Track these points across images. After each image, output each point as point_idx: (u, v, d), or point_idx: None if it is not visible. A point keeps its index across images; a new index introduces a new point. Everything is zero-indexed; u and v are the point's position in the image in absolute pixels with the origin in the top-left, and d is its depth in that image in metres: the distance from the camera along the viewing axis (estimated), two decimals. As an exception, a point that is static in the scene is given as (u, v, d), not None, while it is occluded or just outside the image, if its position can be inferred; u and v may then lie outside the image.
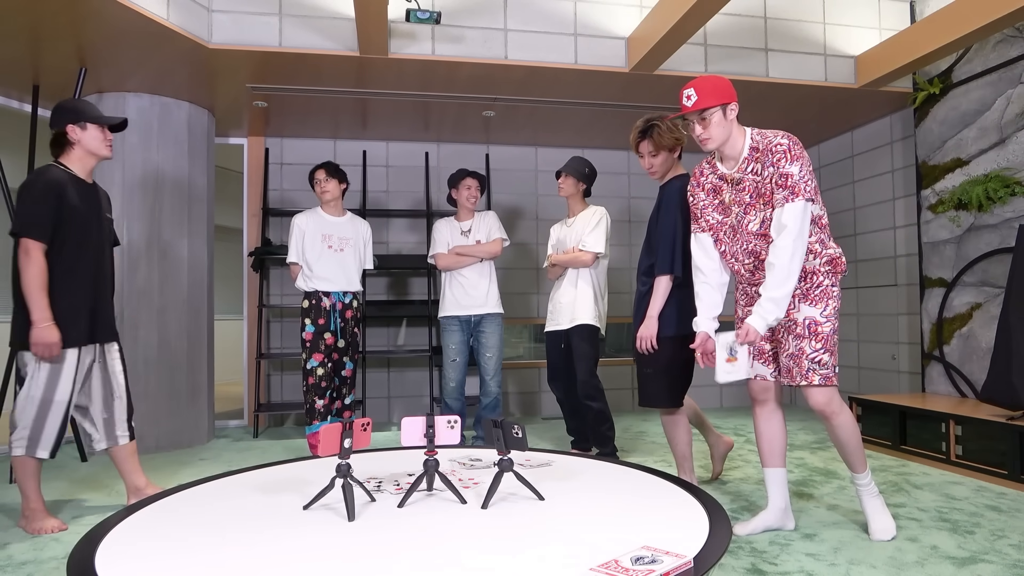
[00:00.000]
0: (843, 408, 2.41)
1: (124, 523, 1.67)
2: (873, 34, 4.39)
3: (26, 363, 2.61)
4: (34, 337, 2.50)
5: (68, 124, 2.65)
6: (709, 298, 2.50)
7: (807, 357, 2.34)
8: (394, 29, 3.75)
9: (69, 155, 2.69)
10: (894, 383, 4.90)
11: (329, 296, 3.85)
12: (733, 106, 2.32)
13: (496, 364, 3.94)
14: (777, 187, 2.26)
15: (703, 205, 2.49)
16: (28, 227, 2.52)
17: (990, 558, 2.23)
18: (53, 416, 2.58)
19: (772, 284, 2.25)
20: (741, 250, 2.42)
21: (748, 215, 2.37)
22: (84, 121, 2.67)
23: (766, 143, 2.30)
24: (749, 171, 2.34)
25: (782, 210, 2.25)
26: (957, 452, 3.43)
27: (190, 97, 4.37)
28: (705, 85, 2.29)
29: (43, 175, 2.60)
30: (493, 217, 4.09)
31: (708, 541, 1.48)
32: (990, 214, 3.96)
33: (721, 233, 2.47)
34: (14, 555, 2.37)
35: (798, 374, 2.36)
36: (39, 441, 2.58)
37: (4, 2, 3.06)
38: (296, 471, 2.18)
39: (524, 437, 1.80)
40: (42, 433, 2.58)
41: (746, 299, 2.55)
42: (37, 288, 2.52)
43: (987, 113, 4.00)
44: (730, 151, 2.36)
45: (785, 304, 2.27)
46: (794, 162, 2.24)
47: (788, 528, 2.52)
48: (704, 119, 2.30)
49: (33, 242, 2.52)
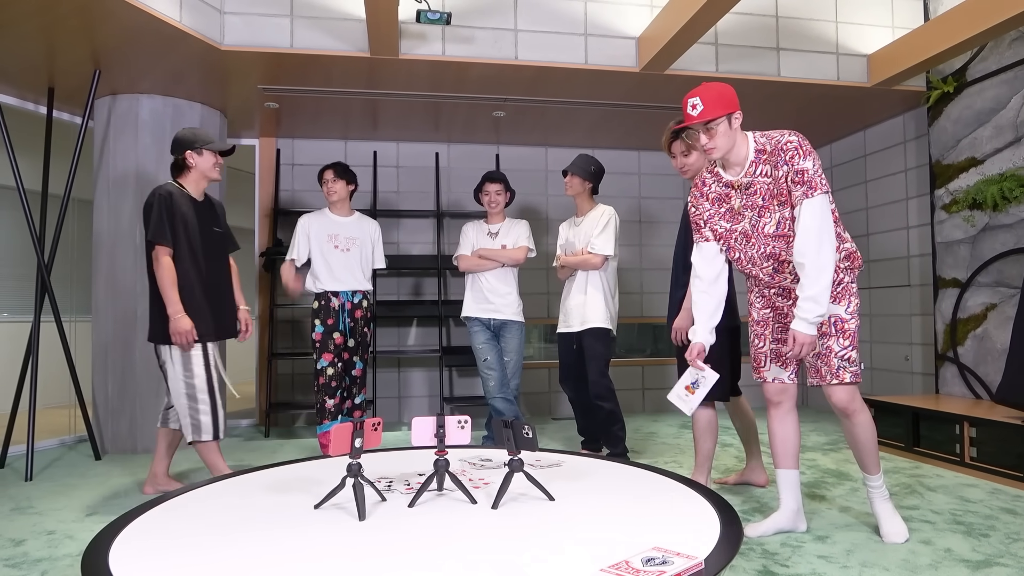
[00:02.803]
0: (864, 407, 2.41)
1: (137, 521, 1.69)
2: (886, 32, 4.35)
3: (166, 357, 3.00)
4: (176, 327, 2.89)
5: (187, 151, 3.05)
6: (709, 308, 2.47)
7: (836, 355, 2.33)
8: (404, 30, 3.76)
9: (186, 177, 3.09)
10: (907, 384, 4.86)
11: (338, 296, 3.86)
12: (738, 115, 2.29)
13: (514, 369, 3.93)
14: (794, 184, 2.24)
15: (708, 215, 2.46)
16: (160, 236, 2.93)
17: (1005, 561, 2.21)
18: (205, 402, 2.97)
19: (807, 282, 2.22)
20: (759, 255, 2.39)
21: (763, 218, 2.34)
22: (201, 148, 3.06)
23: (774, 144, 2.27)
24: (758, 174, 2.31)
25: (802, 207, 2.22)
26: (971, 454, 3.40)
27: (202, 99, 4.40)
28: (710, 94, 2.25)
29: (165, 194, 2.99)
30: (524, 226, 4.02)
31: (719, 542, 1.48)
32: (1005, 214, 3.92)
33: (732, 240, 2.43)
34: (30, 552, 2.39)
35: (828, 373, 2.35)
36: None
37: (19, 6, 3.09)
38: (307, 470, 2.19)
39: (534, 437, 1.80)
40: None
41: (763, 301, 2.52)
42: (169, 286, 2.92)
43: (1002, 112, 3.96)
44: (734, 158, 2.33)
45: (825, 299, 2.21)
46: (806, 157, 2.23)
47: (800, 530, 2.50)
48: (710, 129, 2.26)
49: (163, 248, 2.93)
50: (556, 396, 5.57)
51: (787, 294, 2.44)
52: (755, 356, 2.55)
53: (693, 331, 2.48)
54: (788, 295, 2.44)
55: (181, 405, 2.95)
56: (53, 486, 3.37)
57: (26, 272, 4.57)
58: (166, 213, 2.93)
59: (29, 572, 2.21)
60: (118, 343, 4.17)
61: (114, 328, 4.18)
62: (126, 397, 4.18)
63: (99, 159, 4.29)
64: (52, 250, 3.95)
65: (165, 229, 2.92)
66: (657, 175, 5.88)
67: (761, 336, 2.53)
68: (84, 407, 4.08)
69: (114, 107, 4.25)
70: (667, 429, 4.81)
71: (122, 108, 4.24)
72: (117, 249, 4.21)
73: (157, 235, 2.91)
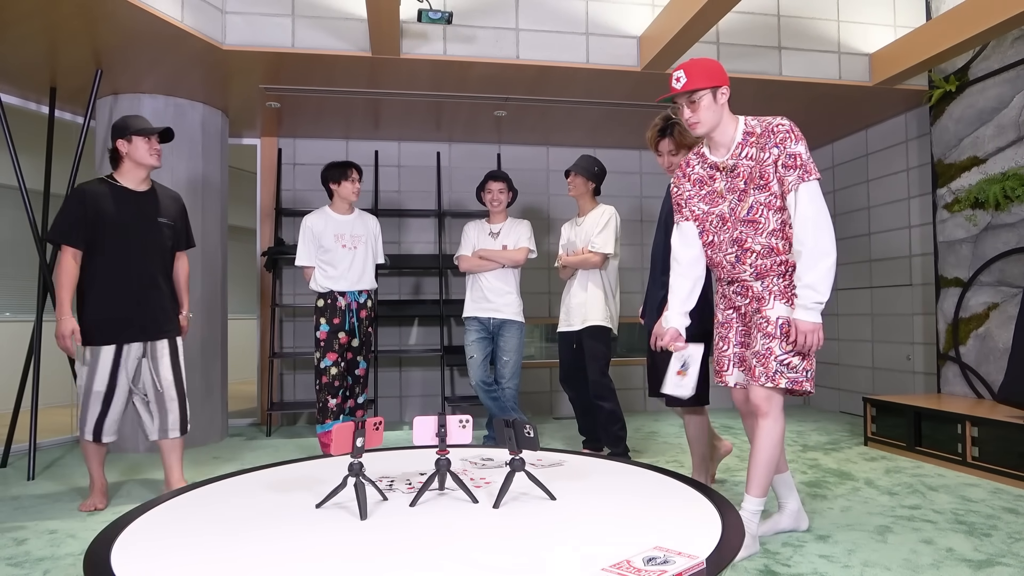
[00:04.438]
0: (780, 416, 2.26)
1: (139, 520, 1.69)
2: (888, 31, 4.35)
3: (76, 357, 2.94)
4: (56, 330, 2.79)
5: (117, 139, 2.90)
6: (684, 291, 2.39)
7: (776, 359, 2.20)
8: (406, 29, 3.76)
9: (120, 169, 2.94)
10: (909, 384, 4.85)
11: (344, 296, 3.84)
12: (724, 90, 2.20)
13: (512, 368, 3.93)
14: (787, 168, 2.16)
15: (688, 196, 2.37)
16: (59, 235, 2.83)
17: (1007, 561, 2.21)
18: (93, 404, 2.91)
19: (803, 270, 2.13)
20: (727, 239, 2.29)
21: (742, 202, 2.24)
22: (130, 135, 2.88)
23: (765, 126, 2.20)
24: (744, 156, 2.22)
25: (798, 193, 2.14)
26: (973, 454, 3.39)
27: (204, 98, 4.40)
28: (695, 67, 2.17)
29: (75, 189, 2.89)
30: (526, 226, 4.01)
31: (721, 542, 1.48)
32: (1008, 213, 3.91)
33: (708, 223, 2.34)
34: (32, 551, 2.40)
35: (763, 374, 2.21)
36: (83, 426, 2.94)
37: (21, 5, 3.09)
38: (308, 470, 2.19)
39: (536, 437, 1.80)
40: (85, 419, 2.93)
41: (725, 302, 2.41)
42: (59, 287, 2.81)
43: (1004, 111, 3.95)
44: (721, 138, 2.25)
45: (825, 287, 2.11)
46: (798, 142, 2.16)
47: (802, 528, 2.50)
48: (693, 102, 2.18)
49: (65, 247, 2.82)
50: (557, 396, 5.57)
51: (746, 292, 2.33)
52: (718, 359, 2.44)
53: (666, 316, 2.40)
54: (746, 293, 2.33)
55: (81, 404, 2.91)
56: (55, 485, 3.38)
57: (28, 272, 4.58)
58: (75, 210, 2.80)
59: (31, 571, 2.21)
60: (120, 342, 4.17)
61: (116, 327, 4.18)
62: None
63: (101, 159, 4.30)
64: (54, 250, 3.95)
65: (67, 228, 2.79)
66: (659, 174, 5.87)
67: (725, 339, 2.42)
68: (86, 406, 4.08)
69: (116, 107, 4.25)
70: (668, 428, 4.81)
71: (124, 108, 4.24)
72: (119, 248, 4.21)
73: (55, 235, 2.81)
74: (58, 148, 4.18)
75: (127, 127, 2.89)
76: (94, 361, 2.86)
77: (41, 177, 4.08)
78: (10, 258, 5.39)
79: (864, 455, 3.87)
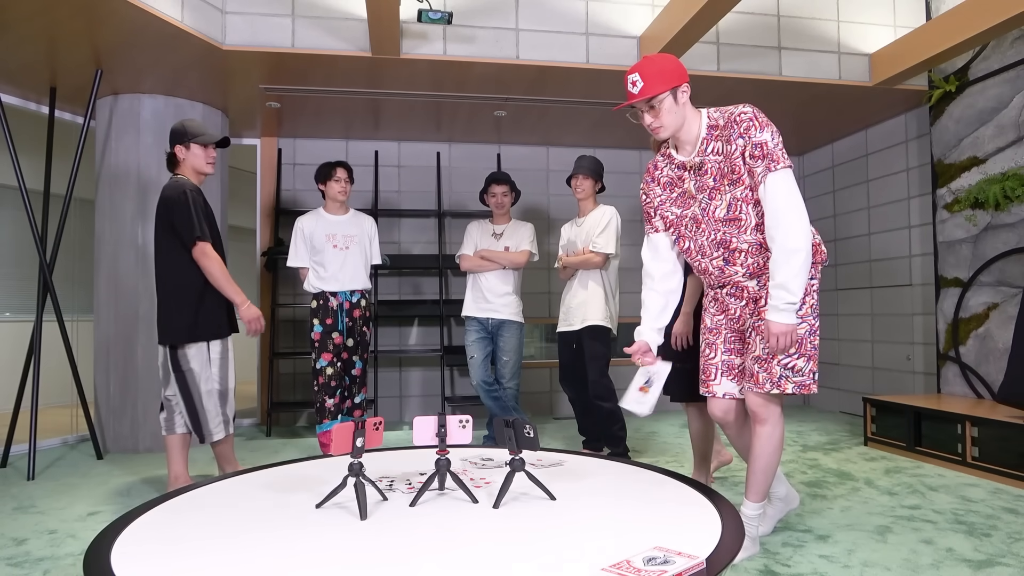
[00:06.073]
0: (780, 420, 2.18)
1: (139, 520, 1.69)
2: (888, 31, 4.35)
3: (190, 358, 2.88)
4: (247, 315, 2.89)
5: (176, 145, 2.93)
6: (656, 307, 2.28)
7: (780, 363, 2.09)
8: (406, 29, 3.76)
9: (181, 171, 2.97)
10: (909, 384, 4.85)
11: (336, 296, 3.84)
12: (684, 87, 2.06)
13: (512, 369, 3.94)
14: (753, 159, 2.01)
15: (659, 202, 2.25)
16: (203, 234, 2.85)
17: (1007, 561, 2.21)
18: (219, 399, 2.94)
19: (775, 268, 2.00)
20: (708, 242, 2.16)
21: (714, 201, 2.11)
22: (188, 141, 2.92)
23: (728, 116, 2.05)
24: (710, 151, 2.08)
25: (765, 184, 2.00)
26: (973, 454, 3.39)
27: (204, 98, 4.40)
28: (651, 69, 2.02)
29: (193, 188, 2.90)
30: (529, 229, 4.03)
31: (720, 542, 1.48)
32: (1007, 213, 3.91)
33: (683, 228, 2.21)
34: (32, 551, 2.40)
35: (767, 380, 2.10)
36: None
37: (21, 6, 3.09)
38: (308, 470, 2.19)
39: (536, 437, 1.80)
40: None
41: (716, 305, 2.28)
42: (225, 280, 2.88)
43: (1004, 111, 3.95)
44: (686, 136, 2.10)
45: (797, 285, 1.97)
46: (763, 129, 2.00)
47: (794, 506, 2.54)
48: (653, 107, 2.04)
49: (202, 243, 2.85)
50: (557, 396, 5.57)
51: (740, 293, 2.21)
52: (704, 368, 2.31)
53: (638, 330, 2.30)
54: (741, 295, 2.21)
55: (212, 404, 2.90)
56: (55, 485, 3.38)
57: (28, 272, 4.57)
58: (197, 208, 2.85)
59: (31, 571, 2.21)
60: (120, 342, 4.18)
61: (116, 327, 4.18)
62: (128, 396, 4.18)
63: (101, 159, 4.30)
64: (54, 249, 3.95)
65: (203, 224, 2.85)
66: (658, 174, 5.86)
67: (712, 346, 2.29)
68: (86, 406, 4.08)
69: (116, 107, 4.25)
70: (668, 428, 4.81)
71: (124, 108, 4.24)
72: (119, 249, 4.21)
73: (202, 234, 2.83)
74: (58, 148, 4.19)
75: (186, 133, 2.92)
76: (217, 354, 2.91)
77: (41, 177, 4.08)
78: (10, 258, 5.39)
79: (864, 455, 3.87)
